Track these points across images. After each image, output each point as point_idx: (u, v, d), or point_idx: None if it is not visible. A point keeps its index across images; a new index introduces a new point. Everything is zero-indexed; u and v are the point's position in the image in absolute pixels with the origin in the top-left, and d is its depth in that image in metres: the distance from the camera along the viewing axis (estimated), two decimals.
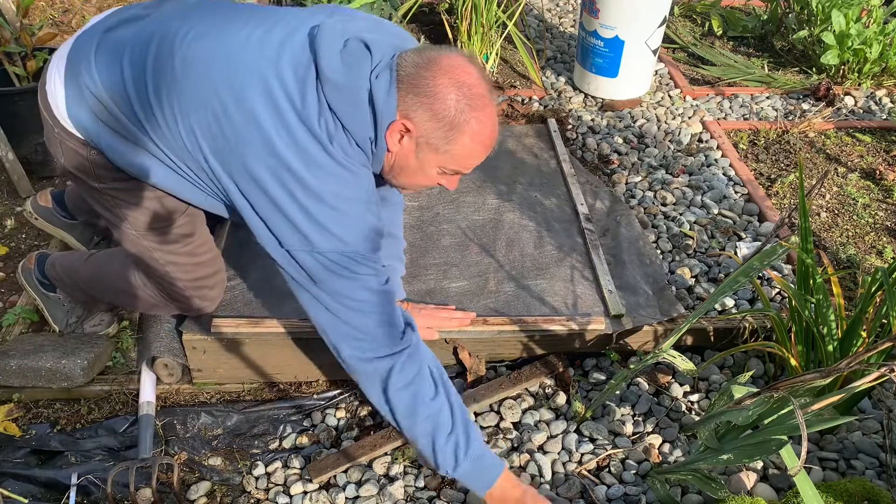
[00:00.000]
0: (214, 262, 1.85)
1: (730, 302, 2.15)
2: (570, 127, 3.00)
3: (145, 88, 1.47)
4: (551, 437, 1.81)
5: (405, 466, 1.74)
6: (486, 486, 1.53)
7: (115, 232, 1.74)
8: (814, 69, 3.42)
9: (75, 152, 1.60)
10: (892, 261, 2.31)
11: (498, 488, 1.53)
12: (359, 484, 1.70)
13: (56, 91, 1.55)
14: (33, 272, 2.01)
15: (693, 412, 1.88)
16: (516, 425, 1.86)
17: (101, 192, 1.65)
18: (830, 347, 1.69)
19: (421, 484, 1.70)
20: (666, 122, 3.05)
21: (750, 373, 1.73)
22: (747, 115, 3.13)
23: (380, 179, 1.59)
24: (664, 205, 2.56)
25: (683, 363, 1.68)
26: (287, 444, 1.83)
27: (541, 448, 1.79)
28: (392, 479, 1.70)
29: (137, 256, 1.75)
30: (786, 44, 3.67)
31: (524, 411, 1.88)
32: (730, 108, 3.18)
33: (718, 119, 3.08)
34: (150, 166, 1.56)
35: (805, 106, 3.18)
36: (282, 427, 1.86)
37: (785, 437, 1.36)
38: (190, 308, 1.85)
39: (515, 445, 1.80)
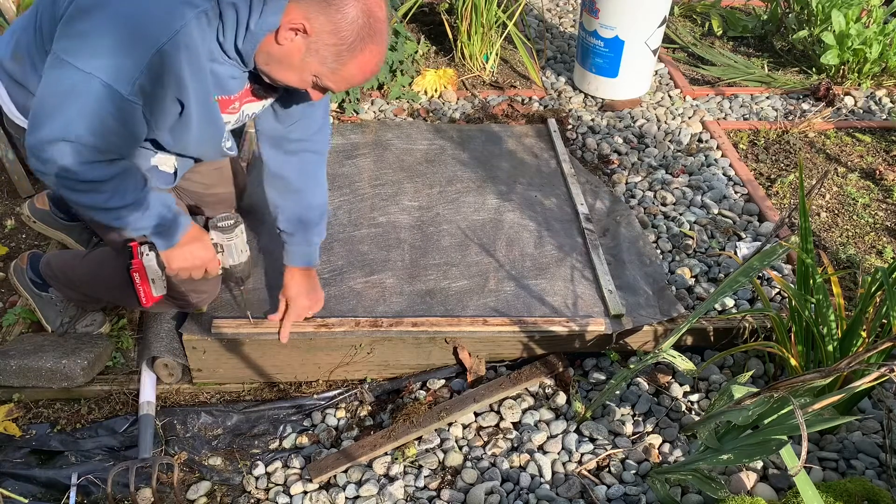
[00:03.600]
0: None
1: (730, 302, 2.15)
2: (570, 127, 3.00)
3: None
4: (551, 436, 1.81)
5: (405, 466, 1.74)
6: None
7: (103, 236, 1.76)
8: (814, 69, 3.42)
9: None
10: (892, 261, 2.31)
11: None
12: (359, 484, 1.70)
13: (2, 94, 1.59)
14: (25, 271, 2.00)
15: (693, 412, 1.88)
16: (516, 425, 1.86)
17: None
18: (830, 347, 1.69)
19: (421, 484, 1.70)
20: (666, 122, 3.05)
21: (750, 373, 1.73)
22: (747, 115, 3.13)
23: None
24: (664, 205, 2.56)
25: (683, 363, 1.68)
26: (287, 444, 1.83)
27: (541, 448, 1.79)
28: (392, 479, 1.70)
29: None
30: (786, 44, 3.67)
31: (524, 411, 1.88)
32: (730, 108, 3.18)
33: (718, 119, 3.08)
34: None
35: (805, 106, 3.18)
36: (282, 427, 1.86)
37: (785, 437, 1.36)
38: (188, 303, 1.85)
39: (515, 445, 1.80)
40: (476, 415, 1.87)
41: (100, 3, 1.35)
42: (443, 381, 1.95)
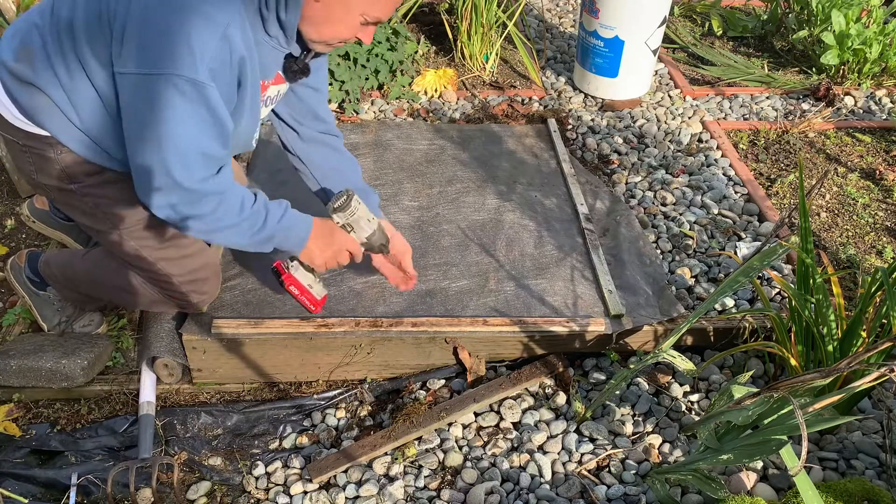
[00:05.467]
0: (203, 253, 1.86)
1: (730, 302, 2.15)
2: (570, 127, 3.00)
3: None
4: (551, 437, 1.81)
5: (405, 466, 1.74)
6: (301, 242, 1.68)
7: (103, 240, 1.76)
8: (814, 69, 3.42)
9: (44, 158, 1.60)
10: (892, 261, 2.31)
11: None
12: (359, 484, 1.70)
13: (1, 98, 1.57)
14: (23, 270, 1.99)
15: (693, 412, 1.88)
16: (516, 425, 1.86)
17: (78, 196, 1.65)
18: (830, 347, 1.69)
19: (421, 484, 1.70)
20: (666, 122, 3.05)
21: (750, 373, 1.73)
22: (747, 115, 3.13)
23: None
24: (664, 205, 2.56)
25: (683, 363, 1.68)
26: (287, 444, 1.83)
27: (541, 448, 1.79)
28: (392, 479, 1.70)
29: (128, 259, 1.75)
30: (786, 44, 3.67)
31: (524, 411, 1.88)
32: (730, 108, 3.18)
33: (718, 119, 3.08)
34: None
35: (805, 106, 3.18)
36: (282, 427, 1.86)
37: (785, 437, 1.36)
38: (189, 304, 1.85)
39: (515, 445, 1.80)
40: (476, 415, 1.87)
41: (153, 5, 1.35)
42: (443, 381, 1.95)
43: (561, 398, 1.90)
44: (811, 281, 1.72)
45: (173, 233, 1.76)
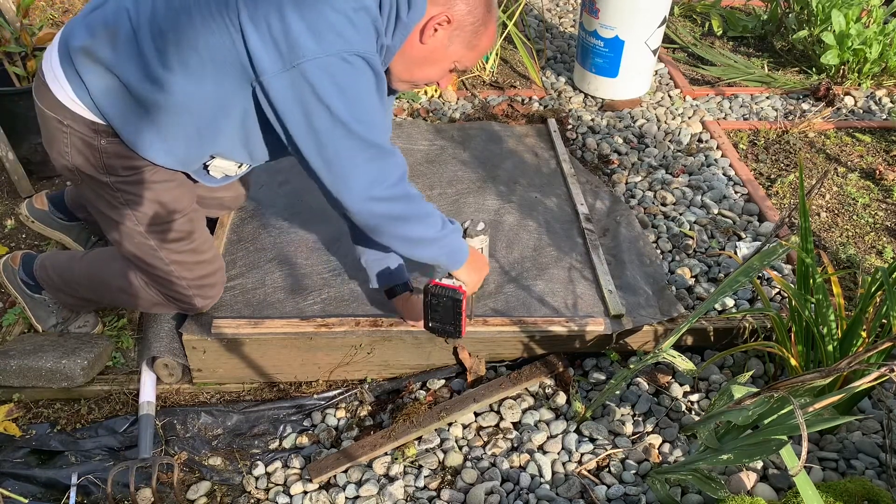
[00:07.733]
0: (216, 259, 1.86)
1: (730, 302, 2.15)
2: (570, 127, 3.00)
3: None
4: (551, 436, 1.81)
5: (405, 466, 1.74)
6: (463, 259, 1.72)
7: (117, 233, 1.72)
8: (814, 69, 3.42)
9: (85, 143, 1.55)
10: (892, 261, 2.31)
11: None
12: (359, 484, 1.70)
13: (57, 75, 1.51)
14: (17, 272, 1.97)
15: (693, 412, 1.88)
16: (516, 425, 1.86)
17: (111, 188, 1.61)
18: (830, 347, 1.69)
19: (421, 484, 1.70)
20: (666, 122, 3.05)
21: (750, 373, 1.73)
22: (747, 115, 3.13)
23: None
24: (664, 205, 2.56)
25: (683, 363, 1.68)
26: (287, 444, 1.83)
27: (541, 448, 1.79)
28: (392, 479, 1.70)
29: (139, 258, 1.74)
30: (786, 44, 3.67)
31: (524, 411, 1.88)
32: (730, 108, 3.18)
33: (718, 119, 3.08)
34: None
35: (805, 106, 3.18)
36: (282, 427, 1.86)
37: (785, 437, 1.36)
38: (192, 307, 1.85)
39: (515, 445, 1.80)
40: (476, 415, 1.87)
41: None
42: (443, 381, 1.95)
43: (561, 398, 1.90)
44: (811, 281, 1.72)
45: (191, 234, 1.75)
